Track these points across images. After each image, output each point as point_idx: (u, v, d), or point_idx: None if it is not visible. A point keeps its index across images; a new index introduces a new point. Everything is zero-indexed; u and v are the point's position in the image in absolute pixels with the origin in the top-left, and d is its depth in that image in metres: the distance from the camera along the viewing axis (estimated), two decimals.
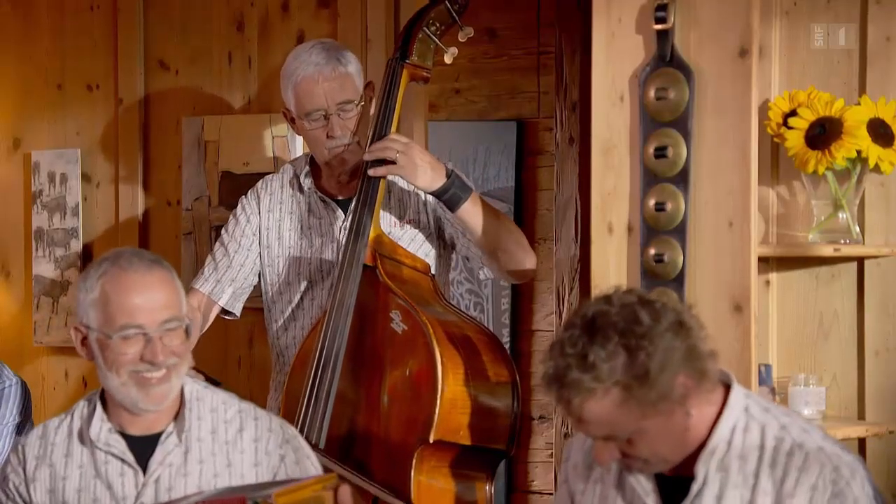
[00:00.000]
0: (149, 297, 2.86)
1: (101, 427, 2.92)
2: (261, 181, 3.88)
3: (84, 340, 2.91)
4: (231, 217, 3.87)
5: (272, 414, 3.06)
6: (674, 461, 2.65)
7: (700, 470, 2.63)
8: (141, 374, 2.86)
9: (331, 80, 3.65)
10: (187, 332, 2.91)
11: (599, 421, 2.57)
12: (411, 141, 3.59)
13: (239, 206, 3.86)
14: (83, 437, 2.94)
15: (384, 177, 3.56)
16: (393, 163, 3.51)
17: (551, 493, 5.02)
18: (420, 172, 3.51)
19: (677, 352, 2.56)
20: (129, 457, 2.90)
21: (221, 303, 3.81)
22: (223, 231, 3.88)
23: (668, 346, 2.55)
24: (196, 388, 2.98)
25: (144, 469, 2.90)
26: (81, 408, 2.99)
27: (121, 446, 2.91)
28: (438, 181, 3.51)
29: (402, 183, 3.69)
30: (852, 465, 2.61)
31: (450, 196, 3.52)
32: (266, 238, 3.81)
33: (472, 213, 3.53)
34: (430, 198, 3.67)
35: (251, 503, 2.69)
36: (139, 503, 2.87)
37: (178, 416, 2.93)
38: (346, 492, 2.78)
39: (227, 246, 3.83)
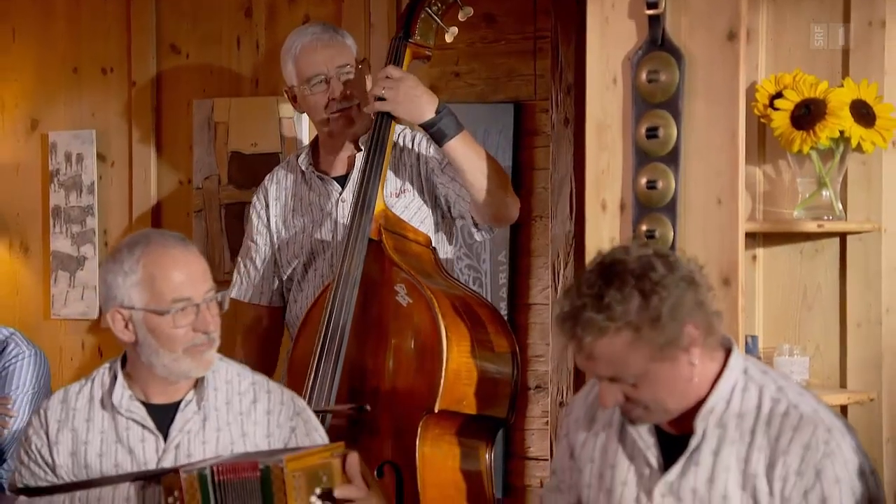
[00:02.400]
0: (191, 270, 2.88)
1: (122, 394, 2.93)
2: (269, 174, 3.91)
3: (127, 323, 2.90)
4: (248, 218, 3.92)
5: (283, 387, 3.07)
6: (673, 412, 2.66)
7: (699, 426, 2.65)
8: (196, 346, 2.88)
9: (329, 47, 3.69)
10: (220, 303, 2.93)
11: (608, 360, 2.58)
12: (406, 75, 3.56)
13: (251, 204, 3.90)
14: (105, 403, 2.95)
15: (387, 134, 3.55)
16: (383, 99, 3.52)
17: (547, 460, 5.04)
18: (406, 107, 3.51)
19: (688, 301, 2.58)
20: (150, 423, 2.92)
21: (264, 302, 3.90)
22: (246, 237, 3.94)
23: (681, 294, 2.57)
24: None
25: (165, 436, 2.92)
26: (102, 375, 2.99)
27: (142, 412, 2.92)
28: (426, 115, 3.50)
29: (395, 151, 3.70)
30: (843, 428, 2.63)
31: (435, 130, 3.50)
32: (275, 225, 3.84)
33: (458, 150, 3.51)
34: (422, 165, 3.68)
35: (263, 466, 2.71)
36: (160, 468, 2.89)
37: (197, 385, 2.95)
38: (354, 459, 2.80)
39: (249, 251, 3.89)
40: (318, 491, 2.72)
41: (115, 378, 2.95)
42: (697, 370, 2.62)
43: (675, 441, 2.69)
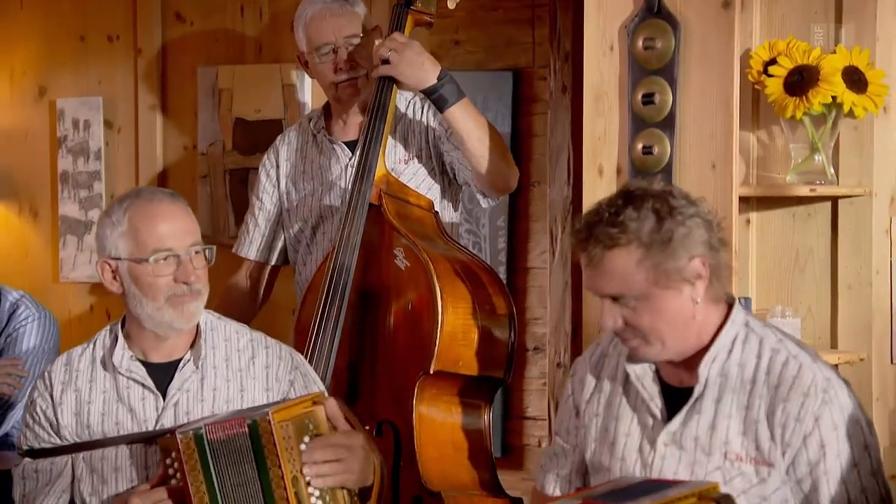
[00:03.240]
0: (174, 223, 2.89)
1: (122, 354, 2.94)
2: (280, 135, 3.91)
3: (114, 273, 2.93)
4: (257, 177, 3.91)
5: (281, 343, 3.07)
6: (670, 349, 2.65)
7: (702, 373, 2.65)
8: (177, 296, 2.88)
9: (338, 16, 3.68)
10: (208, 258, 2.94)
11: (614, 274, 2.59)
12: (411, 41, 3.53)
13: (261, 163, 3.90)
14: (106, 364, 2.96)
15: (389, 96, 3.54)
16: (388, 62, 3.51)
17: (545, 420, 5.06)
18: (410, 71, 3.49)
19: (700, 237, 2.59)
20: (150, 382, 2.92)
21: (260, 259, 3.89)
22: (252, 194, 3.93)
23: (695, 227, 2.59)
24: (210, 319, 3.00)
25: (164, 394, 2.93)
26: (103, 337, 3.00)
27: (142, 372, 2.93)
28: (428, 81, 3.48)
29: (405, 118, 3.70)
30: (840, 380, 2.64)
31: (437, 97, 3.48)
32: (284, 185, 3.84)
33: (459, 116, 3.49)
34: (430, 132, 3.68)
35: (249, 421, 2.72)
36: (159, 426, 2.91)
37: (195, 344, 2.95)
38: (333, 404, 2.81)
39: (253, 208, 3.89)
40: (306, 439, 2.73)
41: (115, 339, 2.96)
42: (700, 310, 2.62)
43: (678, 393, 2.69)
